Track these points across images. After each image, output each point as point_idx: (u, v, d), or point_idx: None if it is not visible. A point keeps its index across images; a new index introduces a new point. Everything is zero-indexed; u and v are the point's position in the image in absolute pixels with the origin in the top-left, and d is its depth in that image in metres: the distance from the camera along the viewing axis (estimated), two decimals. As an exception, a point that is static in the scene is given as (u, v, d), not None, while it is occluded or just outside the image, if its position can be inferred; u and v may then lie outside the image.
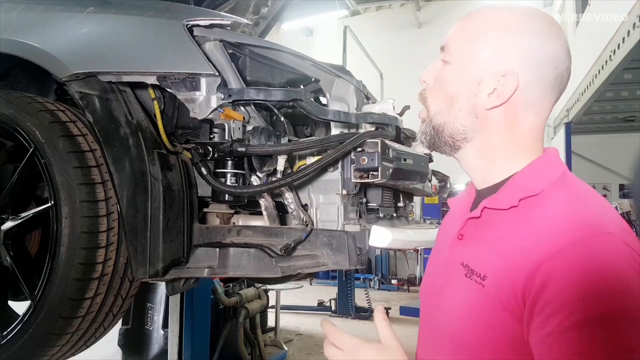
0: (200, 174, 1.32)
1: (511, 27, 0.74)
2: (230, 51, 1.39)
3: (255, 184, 1.42)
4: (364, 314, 7.10)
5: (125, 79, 1.32)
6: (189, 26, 1.31)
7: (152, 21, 1.35)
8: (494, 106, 0.75)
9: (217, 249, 1.34)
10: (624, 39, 4.69)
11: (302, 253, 1.38)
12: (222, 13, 1.41)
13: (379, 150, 1.36)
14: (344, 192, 1.42)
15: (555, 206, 0.68)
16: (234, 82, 1.35)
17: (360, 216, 1.52)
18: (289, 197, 1.43)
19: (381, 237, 1.37)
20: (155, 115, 1.39)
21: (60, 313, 1.24)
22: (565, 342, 0.57)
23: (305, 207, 1.47)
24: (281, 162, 1.34)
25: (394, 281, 9.98)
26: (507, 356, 0.66)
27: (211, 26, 1.35)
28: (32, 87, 1.68)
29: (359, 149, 1.37)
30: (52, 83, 1.64)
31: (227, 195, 1.38)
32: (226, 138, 1.31)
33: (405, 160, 1.48)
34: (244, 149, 1.26)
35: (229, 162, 1.37)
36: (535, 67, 0.73)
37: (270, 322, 5.68)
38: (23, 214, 1.37)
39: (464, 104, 0.77)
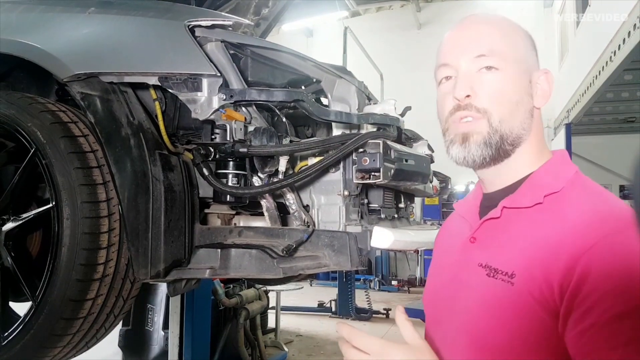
0: (202, 174, 1.32)
1: (523, 31, 0.81)
2: (231, 52, 1.39)
3: (256, 184, 1.42)
4: (364, 315, 7.09)
5: (127, 79, 1.32)
6: (190, 27, 1.31)
7: (154, 21, 1.35)
8: (542, 105, 0.80)
9: (219, 250, 1.34)
10: (624, 39, 4.69)
11: (304, 254, 1.38)
12: (223, 14, 1.40)
13: (381, 151, 1.35)
14: (346, 192, 1.41)
15: (579, 202, 0.70)
16: (236, 83, 1.34)
17: (361, 217, 1.52)
18: (290, 198, 1.43)
19: (383, 238, 1.37)
20: (156, 116, 1.38)
21: (61, 314, 1.24)
22: (608, 333, 0.58)
23: (306, 208, 1.47)
24: (283, 163, 1.33)
25: (394, 282, 9.97)
26: (537, 355, 0.66)
27: (213, 27, 1.35)
28: (34, 87, 1.68)
29: (361, 150, 1.37)
30: (54, 83, 1.64)
31: (228, 196, 1.38)
32: (228, 139, 1.31)
33: (406, 161, 1.48)
34: (245, 150, 1.26)
35: (231, 163, 1.37)
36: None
37: (271, 323, 5.67)
38: (24, 215, 1.37)
39: (524, 106, 0.78)
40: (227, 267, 1.33)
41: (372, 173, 1.38)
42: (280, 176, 1.35)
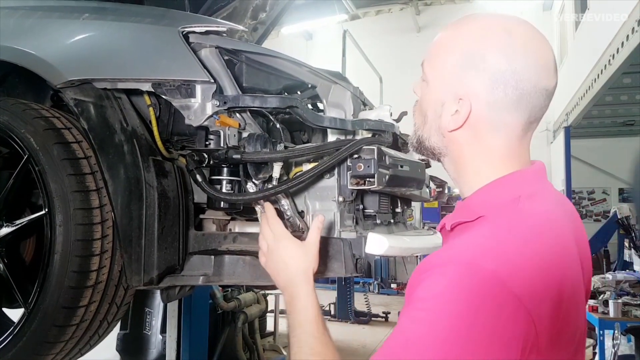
0: (195, 181, 1.31)
1: (471, 47, 0.73)
2: (226, 58, 1.39)
3: (251, 190, 1.41)
4: (363, 318, 7.09)
5: (120, 85, 1.32)
6: (184, 33, 1.31)
7: (148, 28, 1.35)
8: (454, 128, 0.76)
9: (212, 257, 1.33)
10: (622, 43, 4.70)
11: (298, 260, 1.37)
12: (218, 19, 1.40)
13: (375, 157, 1.35)
14: (340, 198, 1.41)
15: (471, 235, 0.69)
16: (230, 89, 1.34)
17: (356, 223, 1.51)
18: (285, 204, 1.43)
19: (377, 244, 1.37)
20: (150, 122, 1.38)
21: (54, 321, 1.23)
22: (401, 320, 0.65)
23: (301, 214, 1.46)
24: (277, 169, 1.33)
25: (393, 285, 9.95)
26: None
27: (207, 33, 1.35)
28: (29, 93, 1.67)
29: (355, 156, 1.37)
30: (49, 89, 1.64)
31: (222, 202, 1.37)
32: (221, 145, 1.30)
33: (401, 167, 1.47)
34: (239, 156, 1.26)
35: (225, 169, 1.36)
36: (493, 88, 0.71)
37: (269, 326, 5.66)
38: (17, 221, 1.37)
39: (432, 123, 0.79)
40: (220, 274, 1.32)
41: (367, 179, 1.37)
42: (274, 182, 1.35)
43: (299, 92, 1.69)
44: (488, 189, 0.74)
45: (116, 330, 3.72)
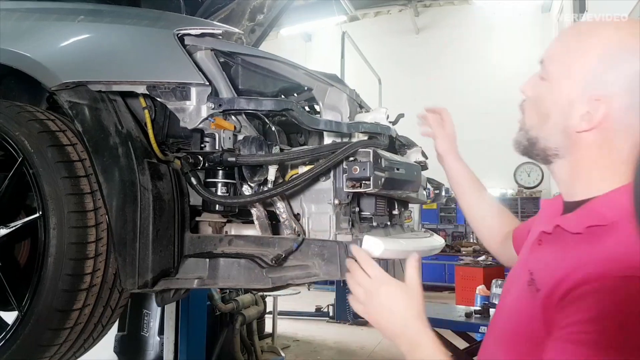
0: (190, 183, 1.31)
1: (612, 48, 0.72)
2: (222, 60, 1.38)
3: (247, 193, 1.41)
4: (362, 319, 7.05)
5: (115, 88, 1.32)
6: (179, 35, 1.30)
7: (143, 30, 1.35)
8: (584, 130, 0.74)
9: (207, 260, 1.33)
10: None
11: (294, 263, 1.37)
12: (213, 22, 1.40)
13: (371, 160, 1.35)
14: (336, 201, 1.41)
15: (617, 238, 0.67)
16: (225, 92, 1.34)
17: (352, 225, 1.51)
18: (280, 207, 1.42)
19: (373, 247, 1.36)
20: (146, 124, 1.38)
21: (48, 325, 1.23)
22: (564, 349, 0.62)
23: (297, 217, 1.46)
24: (272, 172, 1.32)
25: (392, 286, 9.93)
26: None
27: (202, 35, 1.35)
28: (25, 95, 1.67)
29: (351, 159, 1.36)
30: (45, 91, 1.63)
31: (217, 205, 1.37)
32: (217, 148, 1.30)
33: (397, 169, 1.47)
34: (234, 159, 1.25)
35: (220, 172, 1.36)
36: (632, 91, 0.70)
37: (268, 328, 5.66)
38: (12, 224, 1.36)
39: (556, 123, 0.77)
40: (215, 277, 1.32)
41: (363, 182, 1.37)
42: (270, 185, 1.34)
43: (295, 95, 1.69)
44: (618, 194, 0.73)
45: (114, 331, 3.72)
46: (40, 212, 1.23)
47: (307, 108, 1.81)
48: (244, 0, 2.69)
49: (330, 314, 7.22)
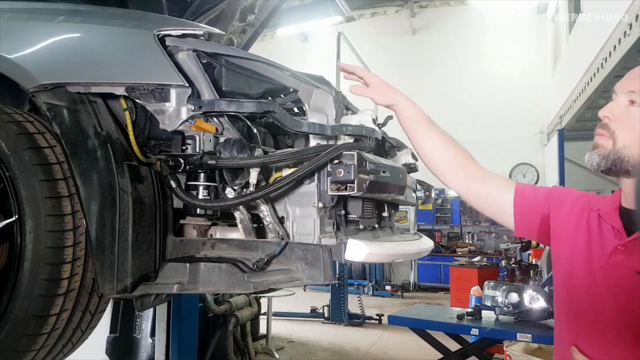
0: (169, 187, 1.29)
1: None
2: (204, 61, 1.36)
3: (229, 196, 1.39)
4: (357, 320, 7.07)
5: (94, 89, 1.29)
6: (160, 36, 1.28)
7: (123, 31, 1.33)
8: None
9: (188, 264, 1.31)
10: (615, 46, 4.70)
11: (277, 267, 1.35)
12: (195, 22, 1.38)
13: (355, 163, 1.33)
14: (320, 204, 1.39)
15: None
16: (207, 93, 1.32)
17: (338, 228, 1.49)
18: (264, 210, 1.40)
19: (357, 251, 1.35)
20: (127, 126, 1.36)
21: (24, 330, 1.21)
22: None
23: (281, 220, 1.44)
24: (254, 175, 1.31)
25: (387, 287, 9.94)
26: None
27: (184, 36, 1.33)
28: (8, 96, 1.65)
29: (336, 161, 1.35)
30: (27, 93, 1.61)
31: (198, 209, 1.35)
32: (197, 150, 1.28)
33: (383, 172, 1.45)
34: (214, 162, 1.23)
35: (201, 175, 1.34)
36: None
37: (262, 329, 5.64)
38: (-12, 228, 1.34)
39: None
40: (195, 282, 1.29)
41: (347, 185, 1.35)
42: (252, 188, 1.32)
43: (282, 96, 1.67)
44: None
45: (106, 333, 3.69)
46: (17, 216, 1.21)
47: (295, 109, 1.80)
48: (235, 1, 2.67)
49: (326, 315, 7.21)
